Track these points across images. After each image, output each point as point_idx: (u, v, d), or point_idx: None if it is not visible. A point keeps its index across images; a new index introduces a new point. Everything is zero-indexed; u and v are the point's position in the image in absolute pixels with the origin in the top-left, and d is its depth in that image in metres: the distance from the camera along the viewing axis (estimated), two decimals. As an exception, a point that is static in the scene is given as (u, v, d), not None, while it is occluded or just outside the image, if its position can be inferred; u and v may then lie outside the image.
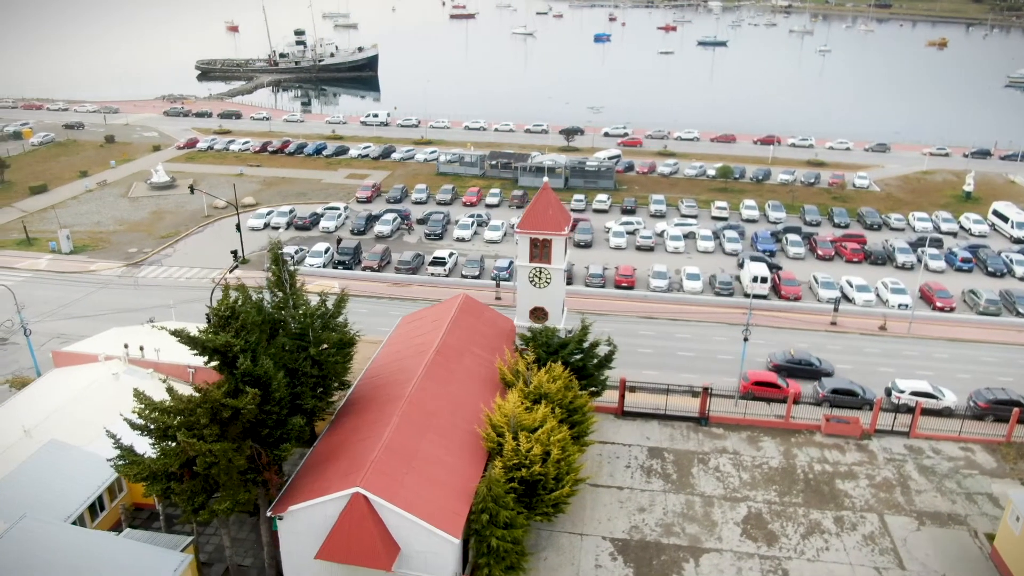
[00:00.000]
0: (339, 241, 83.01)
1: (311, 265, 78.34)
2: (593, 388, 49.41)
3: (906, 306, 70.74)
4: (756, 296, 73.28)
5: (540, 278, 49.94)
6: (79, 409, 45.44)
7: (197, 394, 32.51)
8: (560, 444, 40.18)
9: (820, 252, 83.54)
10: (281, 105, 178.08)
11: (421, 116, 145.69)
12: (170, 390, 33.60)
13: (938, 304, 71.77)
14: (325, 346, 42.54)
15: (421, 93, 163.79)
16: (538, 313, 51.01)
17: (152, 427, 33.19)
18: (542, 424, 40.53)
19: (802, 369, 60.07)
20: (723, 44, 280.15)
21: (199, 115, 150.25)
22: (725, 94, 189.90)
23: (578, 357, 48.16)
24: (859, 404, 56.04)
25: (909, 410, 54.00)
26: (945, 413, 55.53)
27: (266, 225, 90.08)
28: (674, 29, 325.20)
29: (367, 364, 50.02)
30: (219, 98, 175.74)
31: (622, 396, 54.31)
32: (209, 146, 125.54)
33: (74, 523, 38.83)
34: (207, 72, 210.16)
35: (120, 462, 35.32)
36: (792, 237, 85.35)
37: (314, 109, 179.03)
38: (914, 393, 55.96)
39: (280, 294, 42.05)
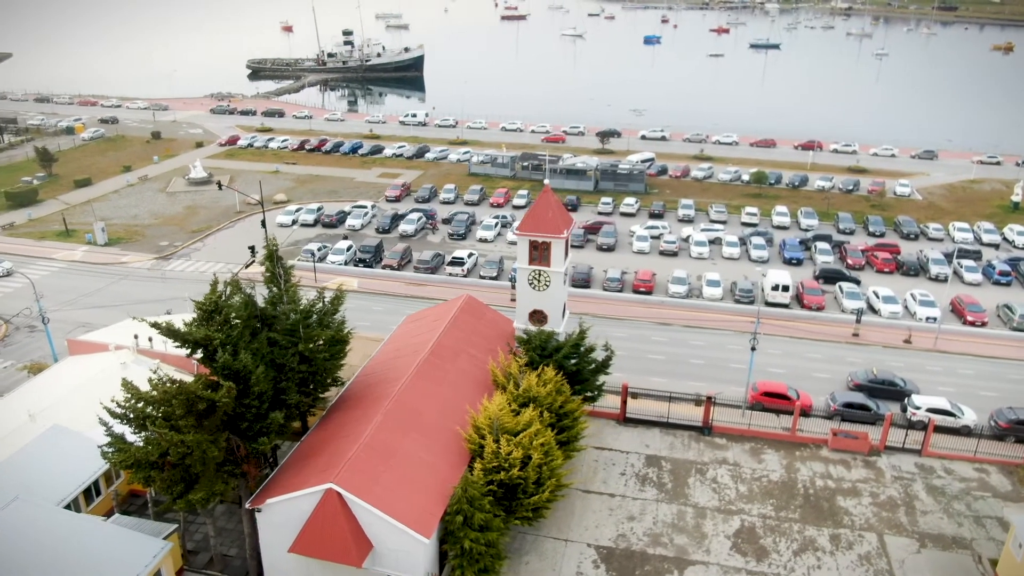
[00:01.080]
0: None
1: (332, 262, 79.45)
2: (589, 393, 48.92)
3: (934, 319, 68.21)
4: (777, 305, 71.89)
5: (539, 281, 49.63)
6: (85, 396, 46.58)
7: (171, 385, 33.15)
8: (543, 449, 39.89)
9: (850, 261, 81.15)
10: (328, 104, 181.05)
11: (459, 117, 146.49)
12: (151, 380, 34.35)
13: (969, 318, 68.99)
14: (321, 341, 43.01)
15: (463, 94, 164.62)
16: (537, 316, 50.70)
17: (131, 416, 33.98)
18: (526, 428, 40.28)
19: (885, 389, 57.07)
20: (775, 47, 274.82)
21: (244, 113, 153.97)
22: (772, 98, 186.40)
23: (573, 361, 47.70)
24: (872, 419, 54.22)
25: (924, 427, 52.07)
26: (963, 432, 53.28)
27: (294, 222, 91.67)
28: (727, 31, 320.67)
29: (365, 361, 50.42)
30: (265, 97, 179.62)
31: (624, 402, 53.64)
32: (249, 143, 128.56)
33: (68, 507, 40.03)
34: (257, 71, 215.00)
35: (109, 449, 36.30)
36: (821, 245, 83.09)
37: (360, 108, 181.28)
38: (931, 410, 53.91)
39: (275, 290, 42.68)
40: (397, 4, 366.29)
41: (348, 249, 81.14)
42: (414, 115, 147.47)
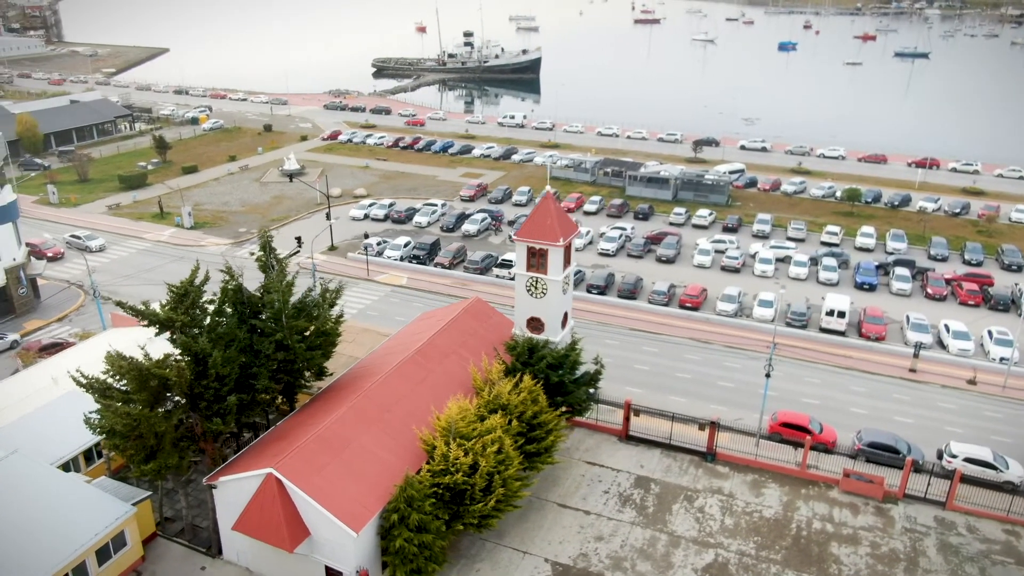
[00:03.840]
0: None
1: (389, 257, 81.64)
2: (576, 406, 47.81)
3: (1007, 359, 61.44)
4: (831, 332, 67.21)
5: (536, 288, 49.00)
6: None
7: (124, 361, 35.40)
8: (498, 457, 39.36)
9: (930, 290, 74.34)
10: (445, 104, 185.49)
11: (557, 120, 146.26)
12: (119, 354, 36.80)
13: (1052, 363, 61.73)
14: (307, 332, 44.44)
15: (578, 96, 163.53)
16: (535, 324, 50.08)
17: (94, 386, 36.57)
18: (483, 434, 39.86)
19: None
20: (924, 56, 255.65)
21: (354, 109, 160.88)
22: (901, 111, 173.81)
23: (559, 372, 46.72)
24: (900, 463, 49.56)
25: (964, 478, 47.00)
26: (1007, 488, 47.71)
27: (366, 216, 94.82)
28: (873, 38, 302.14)
29: (366, 354, 51.60)
30: (380, 95, 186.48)
31: (626, 419, 51.95)
32: (348, 139, 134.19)
33: (65, 465, 43.55)
34: (381, 70, 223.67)
35: (93, 416, 39.24)
36: (900, 271, 76.64)
37: (475, 109, 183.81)
38: (969, 460, 48.66)
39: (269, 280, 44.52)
40: (532, 6, 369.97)
41: (405, 245, 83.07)
42: (512, 116, 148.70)
